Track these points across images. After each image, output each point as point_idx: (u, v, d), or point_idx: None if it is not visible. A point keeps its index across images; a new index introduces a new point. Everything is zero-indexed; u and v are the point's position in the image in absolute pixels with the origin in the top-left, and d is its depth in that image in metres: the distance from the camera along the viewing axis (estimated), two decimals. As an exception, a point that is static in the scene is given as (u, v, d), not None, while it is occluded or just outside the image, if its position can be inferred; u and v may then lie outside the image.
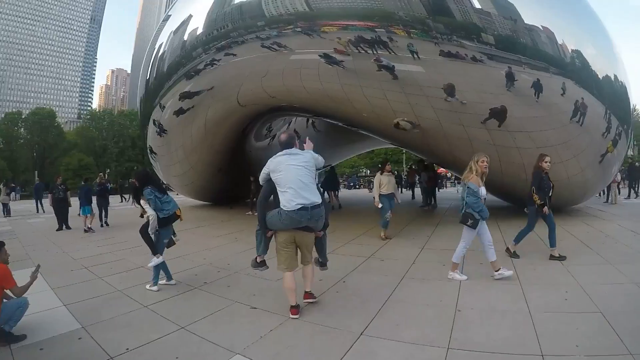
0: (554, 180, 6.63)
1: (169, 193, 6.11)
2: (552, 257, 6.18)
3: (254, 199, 12.86)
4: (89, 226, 11.39)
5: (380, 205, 8.31)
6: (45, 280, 5.87)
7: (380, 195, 8.41)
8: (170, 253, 7.33)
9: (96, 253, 8.07)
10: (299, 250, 4.38)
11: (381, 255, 7.04)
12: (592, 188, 10.47)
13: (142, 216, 5.71)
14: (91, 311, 4.60)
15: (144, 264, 6.72)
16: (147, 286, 5.44)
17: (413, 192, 19.70)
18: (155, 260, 5.41)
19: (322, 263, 4.78)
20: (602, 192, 15.00)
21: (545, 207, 6.20)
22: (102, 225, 12.39)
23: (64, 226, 11.92)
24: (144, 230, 5.47)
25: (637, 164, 19.74)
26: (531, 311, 4.08)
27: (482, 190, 5.27)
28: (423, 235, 8.51)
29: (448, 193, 22.72)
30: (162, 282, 5.59)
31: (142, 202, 5.54)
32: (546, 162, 6.36)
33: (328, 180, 16.34)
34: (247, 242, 8.48)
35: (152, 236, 5.49)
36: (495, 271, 5.27)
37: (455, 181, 29.48)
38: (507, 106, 7.81)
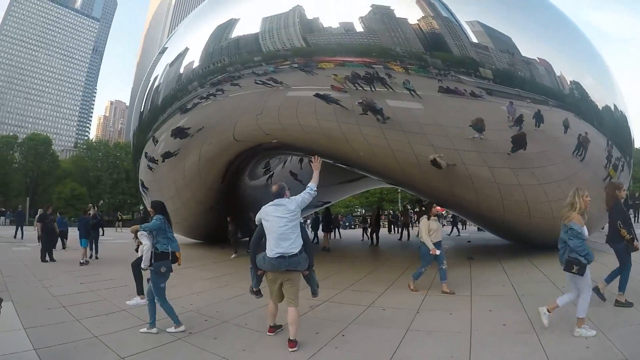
0: (555, 217, 6.22)
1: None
2: (617, 303, 5.43)
3: (234, 240, 13.11)
4: (85, 259, 11.25)
5: (438, 252, 7.13)
6: (19, 317, 5.59)
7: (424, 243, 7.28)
8: None
9: (77, 291, 7.64)
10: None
11: (382, 303, 6.58)
12: (595, 222, 10.20)
13: (137, 250, 5.55)
14: (63, 358, 4.28)
15: (125, 307, 6.34)
16: (143, 329, 5.13)
17: (408, 233, 18.86)
18: (137, 300, 5.08)
19: (313, 292, 5.32)
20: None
21: (636, 241, 5.42)
22: (90, 257, 12.05)
23: (49, 257, 11.49)
24: (135, 264, 5.27)
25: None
26: None
27: (586, 231, 4.65)
28: (425, 280, 8.05)
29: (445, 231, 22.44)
30: (170, 329, 5.23)
31: (138, 234, 5.41)
32: (623, 190, 5.86)
33: (323, 221, 16.28)
34: (237, 287, 8.07)
35: (154, 270, 5.25)
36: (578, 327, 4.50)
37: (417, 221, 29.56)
38: (506, 141, 7.63)
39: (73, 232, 14.14)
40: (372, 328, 5.30)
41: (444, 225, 31.31)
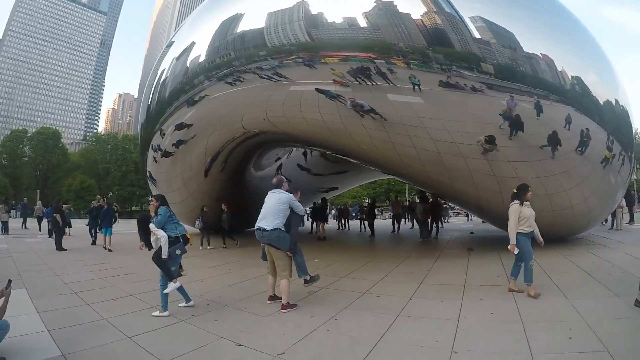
0: (553, 210, 6.31)
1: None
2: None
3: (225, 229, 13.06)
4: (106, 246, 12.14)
5: (516, 251, 5.94)
6: (33, 302, 5.87)
7: (518, 233, 6.04)
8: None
9: (87, 278, 7.95)
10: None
11: (377, 290, 6.77)
12: (596, 216, 10.27)
13: (141, 248, 6.02)
14: (74, 339, 4.52)
15: (133, 292, 6.75)
16: (156, 313, 5.45)
17: (398, 224, 18.75)
18: (172, 286, 5.49)
19: (305, 280, 6.11)
20: (606, 219, 14.76)
21: None
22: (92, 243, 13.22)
23: (59, 247, 11.87)
24: (156, 257, 5.60)
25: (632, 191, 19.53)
26: (533, 353, 3.86)
27: None
28: (422, 269, 8.21)
29: (452, 225, 22.52)
30: (181, 304, 5.78)
31: (151, 226, 5.72)
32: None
33: (317, 211, 16.59)
34: (240, 275, 8.35)
35: (170, 256, 5.64)
36: None
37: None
38: (505, 136, 7.78)
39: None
40: (364, 313, 5.50)
41: (458, 214, 31.15)
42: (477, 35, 7.54)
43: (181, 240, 5.75)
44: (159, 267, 5.60)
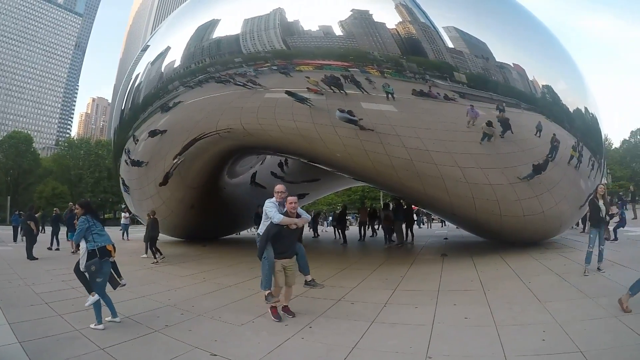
0: (529, 214, 6.42)
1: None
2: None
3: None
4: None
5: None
6: (4, 313, 5.73)
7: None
8: (135, 292, 7.19)
9: (59, 288, 7.72)
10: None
11: (351, 297, 6.80)
12: (567, 220, 10.57)
13: (74, 252, 5.71)
14: (46, 351, 4.42)
15: (104, 302, 6.49)
16: (92, 325, 5.24)
17: (365, 231, 18.56)
18: (91, 299, 5.24)
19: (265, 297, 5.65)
20: (577, 223, 15.19)
21: None
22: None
23: (30, 256, 11.44)
24: (76, 268, 5.45)
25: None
26: (507, 355, 3.94)
27: None
28: (396, 276, 8.28)
29: (425, 230, 22.75)
30: (107, 318, 5.44)
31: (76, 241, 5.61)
32: None
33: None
34: (214, 283, 8.25)
35: (85, 271, 5.39)
36: None
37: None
38: (477, 144, 7.91)
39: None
40: (339, 321, 5.52)
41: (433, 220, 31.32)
42: (450, 45, 7.68)
43: (97, 254, 5.32)
44: (79, 279, 5.49)
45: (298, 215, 5.55)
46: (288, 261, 5.56)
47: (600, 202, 7.47)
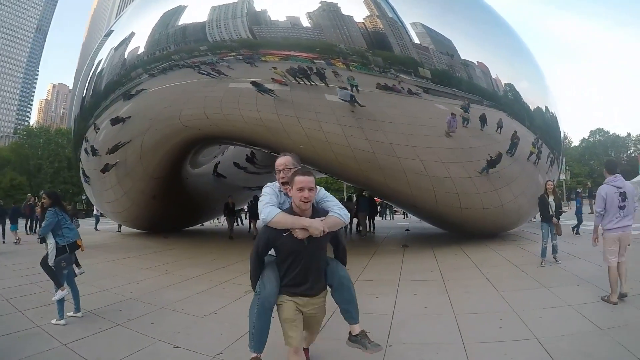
0: (485, 208, 6.69)
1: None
2: None
3: None
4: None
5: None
6: None
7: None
8: (96, 286, 7.02)
9: (19, 284, 7.43)
10: None
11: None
12: (525, 213, 11.03)
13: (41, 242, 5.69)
14: (7, 348, 4.25)
15: (67, 298, 6.27)
16: (53, 321, 5.09)
17: None
18: (60, 294, 5.13)
19: None
20: (535, 216, 15.86)
21: None
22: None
23: None
24: (44, 262, 5.30)
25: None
26: (465, 343, 4.04)
27: None
28: (358, 266, 8.27)
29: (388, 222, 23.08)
30: (69, 313, 5.32)
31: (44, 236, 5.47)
32: None
33: (251, 209, 15.71)
34: (177, 275, 8.11)
35: (54, 267, 5.29)
36: None
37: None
38: (439, 138, 8.15)
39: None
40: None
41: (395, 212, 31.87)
42: (416, 40, 7.82)
43: (67, 250, 5.37)
44: (46, 273, 5.35)
45: (316, 214, 2.89)
46: (309, 301, 2.97)
47: (551, 198, 7.85)
